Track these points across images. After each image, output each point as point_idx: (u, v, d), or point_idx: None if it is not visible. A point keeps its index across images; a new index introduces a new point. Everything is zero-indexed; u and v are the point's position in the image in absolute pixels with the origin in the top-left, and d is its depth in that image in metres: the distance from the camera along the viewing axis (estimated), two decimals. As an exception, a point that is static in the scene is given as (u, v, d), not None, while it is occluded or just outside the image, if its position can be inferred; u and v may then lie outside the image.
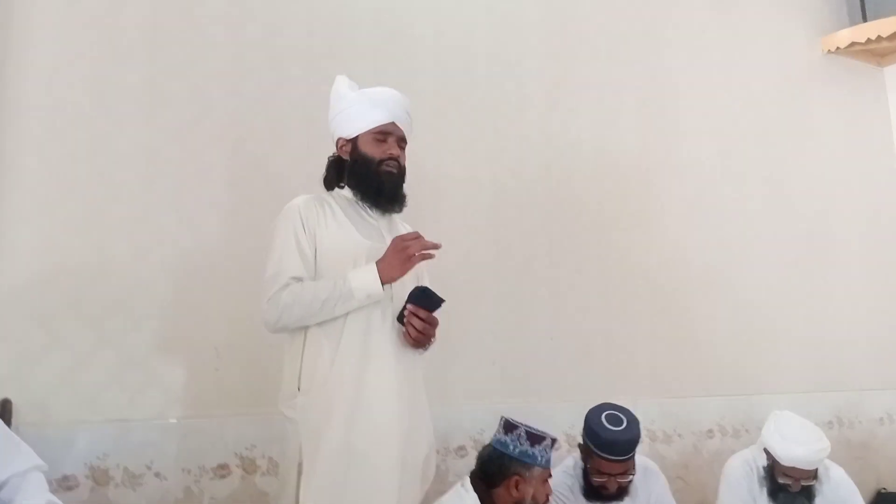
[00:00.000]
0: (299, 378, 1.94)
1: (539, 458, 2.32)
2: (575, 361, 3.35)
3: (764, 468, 2.88)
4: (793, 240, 4.22)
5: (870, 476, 4.07)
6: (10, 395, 2.17)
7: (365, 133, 2.07)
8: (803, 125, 4.47)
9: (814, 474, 2.86)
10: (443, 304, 1.97)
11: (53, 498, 1.81)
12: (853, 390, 4.21)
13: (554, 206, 3.45)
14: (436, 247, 1.95)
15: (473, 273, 3.17)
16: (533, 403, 3.15)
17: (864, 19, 4.56)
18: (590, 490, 2.68)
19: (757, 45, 4.38)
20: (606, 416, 2.66)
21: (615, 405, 2.74)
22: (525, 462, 2.30)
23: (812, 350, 4.12)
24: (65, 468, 2.24)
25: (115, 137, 2.53)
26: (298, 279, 1.95)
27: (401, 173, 2.09)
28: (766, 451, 2.87)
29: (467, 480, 2.36)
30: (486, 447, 2.47)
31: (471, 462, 2.97)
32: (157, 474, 2.38)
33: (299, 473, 1.88)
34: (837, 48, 4.55)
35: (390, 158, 2.07)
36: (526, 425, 2.38)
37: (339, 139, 2.13)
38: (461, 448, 3.01)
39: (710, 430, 3.67)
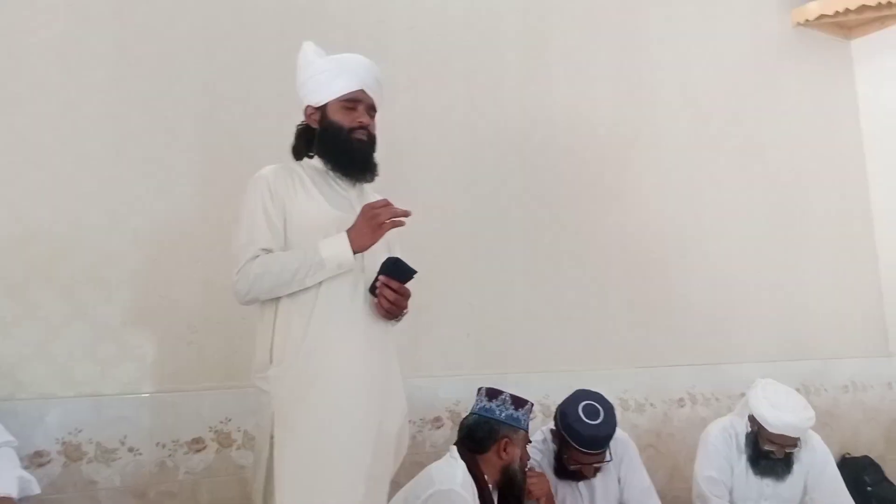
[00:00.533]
0: (271, 350, 1.91)
1: (523, 422, 2.45)
2: (550, 332, 3.36)
3: (747, 435, 2.92)
4: (764, 211, 4.28)
5: (834, 442, 4.17)
6: (-22, 369, 2.11)
7: (334, 101, 2.03)
8: (774, 96, 4.51)
9: (797, 442, 2.92)
10: (415, 275, 1.95)
11: (25, 473, 1.77)
12: (819, 359, 4.31)
13: (530, 177, 3.44)
14: (406, 214, 1.92)
15: (449, 244, 3.16)
16: (508, 375, 3.16)
17: (833, -8, 4.59)
18: (562, 470, 2.72)
19: (730, 17, 4.40)
20: (584, 408, 2.66)
21: (589, 393, 2.74)
22: (512, 425, 2.43)
23: (780, 320, 4.20)
24: (36, 443, 2.19)
25: (84, 104, 2.45)
26: (268, 250, 1.92)
27: (371, 142, 2.05)
28: (751, 418, 2.90)
29: (454, 450, 2.40)
30: (468, 417, 2.50)
31: (447, 433, 3.01)
32: (130, 449, 2.34)
33: (272, 445, 1.86)
34: (807, 20, 4.59)
35: (360, 127, 2.03)
36: (510, 391, 2.48)
37: (307, 107, 2.09)
38: (437, 419, 3.02)
39: (681, 399, 3.73)
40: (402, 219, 1.93)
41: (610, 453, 2.68)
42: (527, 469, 2.50)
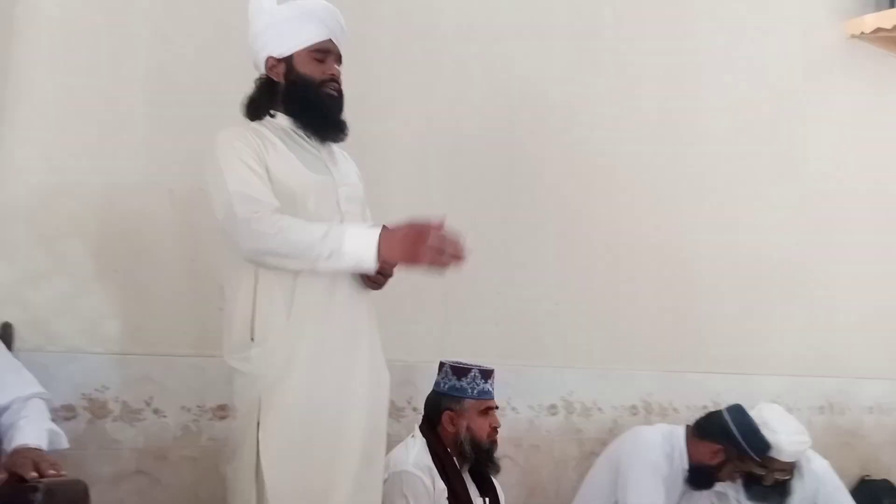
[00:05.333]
0: (252, 328, 1.80)
1: (469, 391, 2.39)
2: (578, 328, 3.31)
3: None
4: (800, 223, 4.20)
5: (854, 463, 4.13)
6: (10, 319, 2.08)
7: (301, 51, 1.88)
8: (820, 109, 4.42)
9: (790, 467, 2.88)
10: None
11: (55, 426, 1.75)
12: (846, 377, 4.24)
13: (568, 172, 3.36)
14: (462, 258, 1.72)
15: (480, 230, 3.09)
16: (533, 367, 3.12)
17: (892, 5, 4.48)
18: (701, 479, 2.81)
19: (781, 23, 4.30)
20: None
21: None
22: (454, 396, 2.39)
23: (809, 334, 4.14)
24: (63, 397, 2.16)
25: (129, 59, 2.40)
26: (269, 202, 1.75)
27: (341, 96, 1.93)
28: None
29: (416, 429, 2.42)
30: (429, 394, 2.51)
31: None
32: (155, 410, 2.31)
33: (258, 430, 1.78)
34: (861, 33, 4.48)
35: (332, 79, 1.90)
36: (453, 361, 2.45)
37: (268, 58, 1.91)
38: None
39: (706, 407, 3.65)
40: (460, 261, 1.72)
41: None
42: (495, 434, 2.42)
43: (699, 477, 2.82)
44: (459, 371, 2.41)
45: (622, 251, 3.50)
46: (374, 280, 1.88)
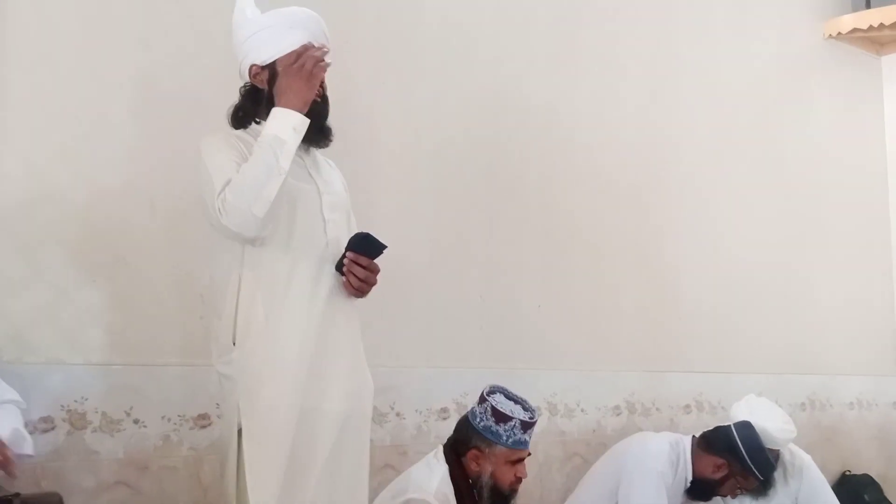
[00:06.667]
0: (234, 331, 1.80)
1: (504, 438, 2.21)
2: (560, 330, 3.31)
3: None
4: (780, 222, 4.24)
5: (836, 458, 4.18)
6: (-14, 328, 2.07)
7: (283, 57, 1.88)
8: (799, 108, 4.46)
9: (777, 454, 2.92)
10: (385, 250, 1.86)
11: (25, 431, 1.73)
12: (827, 374, 4.29)
13: (550, 173, 3.37)
14: (324, 52, 1.85)
15: (463, 235, 3.11)
16: (516, 370, 3.12)
17: (868, 6, 4.53)
18: (700, 492, 2.83)
19: (760, 24, 4.34)
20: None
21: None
22: (487, 438, 2.22)
23: (790, 332, 4.17)
24: (42, 409, 2.14)
25: (110, 67, 2.38)
26: None
27: (325, 102, 1.93)
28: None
29: (440, 450, 2.30)
30: (464, 415, 2.38)
31: (452, 425, 2.96)
32: (136, 421, 2.30)
33: (240, 435, 1.77)
34: (839, 33, 4.54)
35: None
36: (497, 400, 2.25)
37: (251, 66, 1.92)
38: (444, 410, 2.97)
39: (688, 406, 3.70)
40: (326, 60, 1.85)
41: None
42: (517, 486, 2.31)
43: (700, 489, 2.84)
44: (500, 416, 2.21)
45: (604, 252, 3.51)
46: (359, 288, 1.88)
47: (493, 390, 2.29)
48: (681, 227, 3.80)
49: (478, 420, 2.24)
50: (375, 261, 1.88)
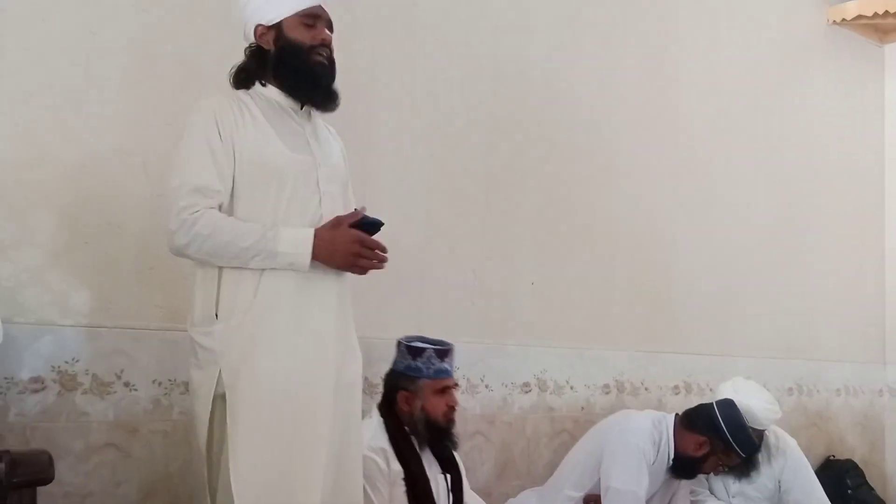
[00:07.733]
0: (217, 303, 1.79)
1: (424, 370, 2.31)
2: (552, 307, 3.33)
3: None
4: (775, 205, 4.25)
5: (821, 443, 4.24)
6: (-24, 289, 2.06)
7: (291, 17, 1.85)
8: (799, 93, 4.45)
9: (761, 435, 2.95)
10: (382, 227, 1.86)
11: None
12: (815, 360, 4.32)
13: (546, 151, 3.37)
14: (384, 263, 1.88)
15: (457, 210, 3.10)
16: (508, 346, 3.15)
17: (872, -8, 4.50)
18: (685, 468, 2.85)
19: (762, 9, 4.31)
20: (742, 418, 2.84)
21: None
22: (409, 375, 2.33)
23: (780, 317, 4.20)
24: (32, 369, 2.14)
25: (104, 29, 2.35)
26: (215, 191, 1.77)
27: (332, 64, 1.90)
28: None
29: (374, 407, 2.38)
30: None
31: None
32: (126, 384, 2.30)
33: (219, 407, 1.77)
34: (843, 20, 4.51)
35: (322, 45, 1.87)
36: (409, 339, 2.38)
37: (257, 26, 1.88)
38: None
39: (676, 387, 3.72)
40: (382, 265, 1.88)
41: None
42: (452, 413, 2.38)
43: (683, 467, 2.86)
44: (414, 351, 2.33)
45: (599, 231, 3.51)
46: (362, 266, 1.87)
47: (405, 337, 2.41)
48: (676, 209, 3.80)
49: (397, 364, 2.37)
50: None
